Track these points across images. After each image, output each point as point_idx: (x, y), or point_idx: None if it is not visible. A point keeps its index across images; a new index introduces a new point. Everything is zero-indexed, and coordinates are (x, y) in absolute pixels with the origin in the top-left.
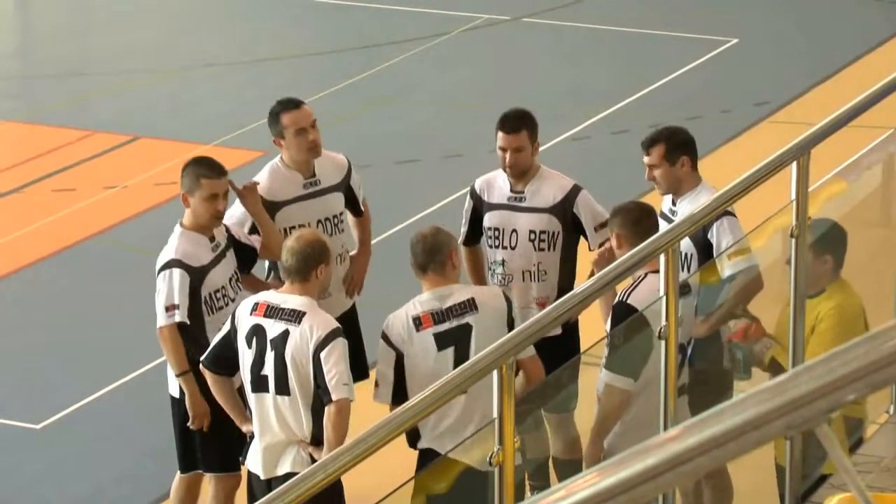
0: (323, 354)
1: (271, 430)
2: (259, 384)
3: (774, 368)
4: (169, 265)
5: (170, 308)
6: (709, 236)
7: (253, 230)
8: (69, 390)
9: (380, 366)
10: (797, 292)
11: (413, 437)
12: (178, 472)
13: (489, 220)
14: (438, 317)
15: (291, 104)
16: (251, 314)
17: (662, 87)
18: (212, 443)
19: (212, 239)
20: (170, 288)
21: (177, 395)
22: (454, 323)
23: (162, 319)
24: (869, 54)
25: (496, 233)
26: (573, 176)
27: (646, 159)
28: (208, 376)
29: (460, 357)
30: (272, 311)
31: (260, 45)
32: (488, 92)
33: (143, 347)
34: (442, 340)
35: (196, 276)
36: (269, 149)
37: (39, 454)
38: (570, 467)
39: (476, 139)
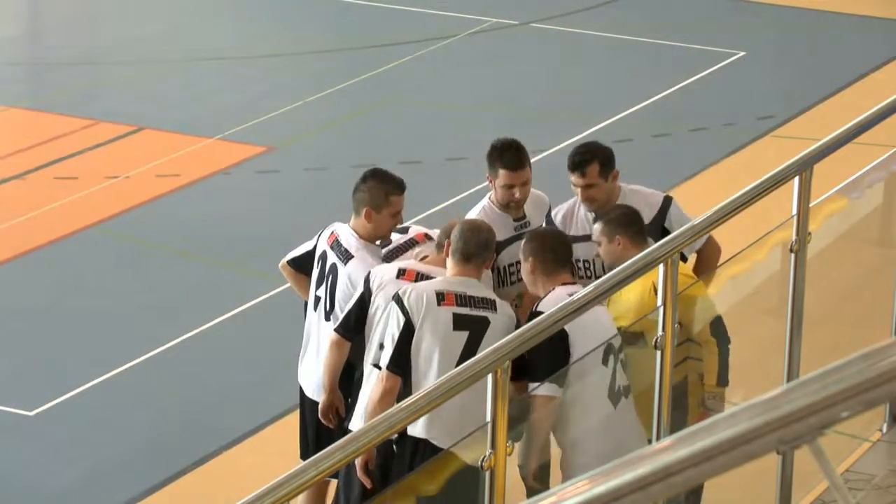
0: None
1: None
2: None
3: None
4: None
5: None
6: (665, 224)
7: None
8: (64, 378)
9: (390, 328)
10: (795, 307)
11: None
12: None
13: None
14: (462, 300)
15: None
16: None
17: (667, 97)
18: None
19: None
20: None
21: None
22: (475, 312)
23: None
24: (875, 72)
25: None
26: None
27: (581, 181)
28: (338, 340)
29: (471, 345)
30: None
31: (267, 41)
32: (494, 95)
33: (140, 338)
34: (459, 322)
35: None
36: (273, 144)
37: (32, 441)
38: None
39: (479, 142)
